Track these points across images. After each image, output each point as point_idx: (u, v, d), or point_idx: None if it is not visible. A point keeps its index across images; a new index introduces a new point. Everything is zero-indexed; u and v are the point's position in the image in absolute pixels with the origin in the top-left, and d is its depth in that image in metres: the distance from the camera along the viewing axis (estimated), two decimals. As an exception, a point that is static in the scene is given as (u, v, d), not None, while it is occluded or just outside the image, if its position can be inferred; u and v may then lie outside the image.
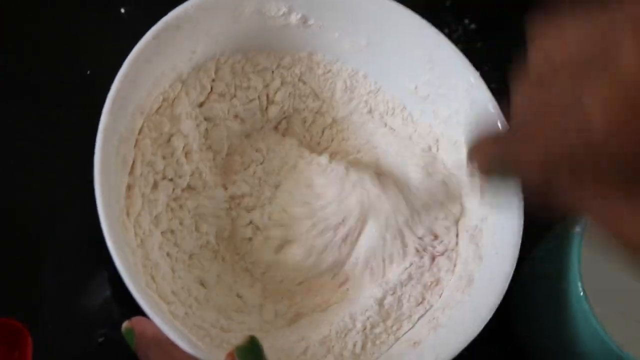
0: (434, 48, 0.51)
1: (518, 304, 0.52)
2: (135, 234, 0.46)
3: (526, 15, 0.31)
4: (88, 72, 0.57)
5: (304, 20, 0.52)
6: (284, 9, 0.51)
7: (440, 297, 0.50)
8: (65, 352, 0.48)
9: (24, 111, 0.55)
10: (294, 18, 0.51)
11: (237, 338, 0.43)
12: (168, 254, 0.48)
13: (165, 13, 0.47)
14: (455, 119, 0.52)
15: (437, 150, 0.54)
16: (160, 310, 0.42)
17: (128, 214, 0.46)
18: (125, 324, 0.41)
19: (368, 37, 0.53)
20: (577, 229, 0.47)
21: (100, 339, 0.49)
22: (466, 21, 0.63)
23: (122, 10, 0.59)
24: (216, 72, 0.52)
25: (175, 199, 0.50)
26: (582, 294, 0.45)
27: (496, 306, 0.45)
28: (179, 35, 0.48)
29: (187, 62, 0.50)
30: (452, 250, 0.51)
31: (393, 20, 0.51)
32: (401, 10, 0.51)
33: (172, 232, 0.49)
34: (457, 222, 0.52)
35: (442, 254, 0.51)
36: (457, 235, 0.51)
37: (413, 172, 0.52)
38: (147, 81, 0.47)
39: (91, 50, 0.57)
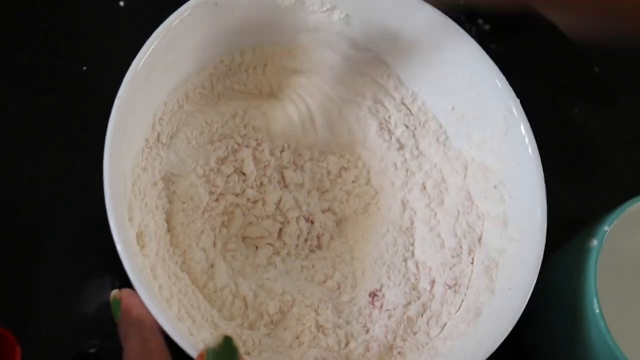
0: (476, 67, 0.50)
1: (528, 318, 0.50)
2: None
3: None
4: (84, 68, 0.55)
5: (347, 20, 0.50)
6: (327, 5, 0.49)
7: (442, 328, 0.48)
8: (55, 362, 0.47)
9: (18, 107, 0.53)
10: (337, 16, 0.50)
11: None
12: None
13: (166, 7, 0.46)
14: (489, 145, 0.51)
15: (465, 177, 0.52)
16: (153, 293, 0.41)
17: (135, 196, 0.45)
18: (114, 293, 0.41)
19: (410, 49, 0.51)
20: (595, 242, 0.45)
21: (93, 350, 0.48)
22: (480, 21, 0.62)
23: (121, 4, 0.57)
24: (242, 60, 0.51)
25: None
26: (597, 311, 0.44)
27: (500, 342, 0.43)
28: (213, 12, 0.47)
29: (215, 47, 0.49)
30: (464, 279, 0.49)
31: (438, 33, 0.50)
32: (449, 24, 0.50)
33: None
34: (472, 252, 0.50)
35: (451, 287, 0.49)
36: (472, 263, 0.50)
37: None
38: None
39: (88, 46, 0.56)
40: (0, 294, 0.48)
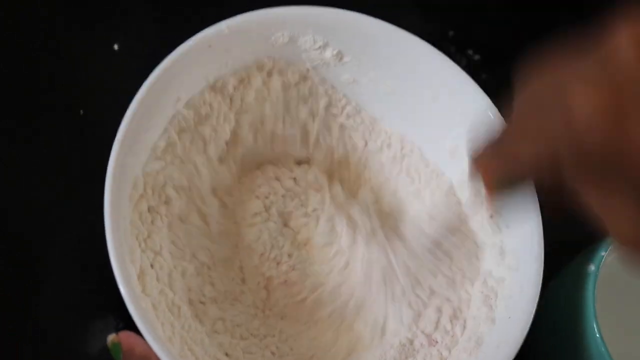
0: (468, 98, 0.50)
1: (529, 345, 0.51)
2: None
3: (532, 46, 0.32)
4: (81, 112, 0.55)
5: (340, 56, 0.51)
6: (319, 42, 0.50)
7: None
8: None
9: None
10: (329, 53, 0.51)
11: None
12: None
13: (160, 49, 0.46)
14: None
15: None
16: (153, 328, 0.41)
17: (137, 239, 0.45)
18: (111, 337, 0.41)
19: (404, 85, 0.52)
20: (592, 267, 0.45)
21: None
22: (470, 52, 0.62)
23: (116, 47, 0.58)
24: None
25: None
26: (598, 335, 0.44)
27: None
28: (210, 52, 0.48)
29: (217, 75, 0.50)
30: (463, 308, 0.50)
31: (428, 66, 0.50)
32: (438, 56, 0.50)
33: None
34: (472, 282, 0.50)
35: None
36: (470, 294, 0.50)
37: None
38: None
39: (84, 89, 0.56)
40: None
